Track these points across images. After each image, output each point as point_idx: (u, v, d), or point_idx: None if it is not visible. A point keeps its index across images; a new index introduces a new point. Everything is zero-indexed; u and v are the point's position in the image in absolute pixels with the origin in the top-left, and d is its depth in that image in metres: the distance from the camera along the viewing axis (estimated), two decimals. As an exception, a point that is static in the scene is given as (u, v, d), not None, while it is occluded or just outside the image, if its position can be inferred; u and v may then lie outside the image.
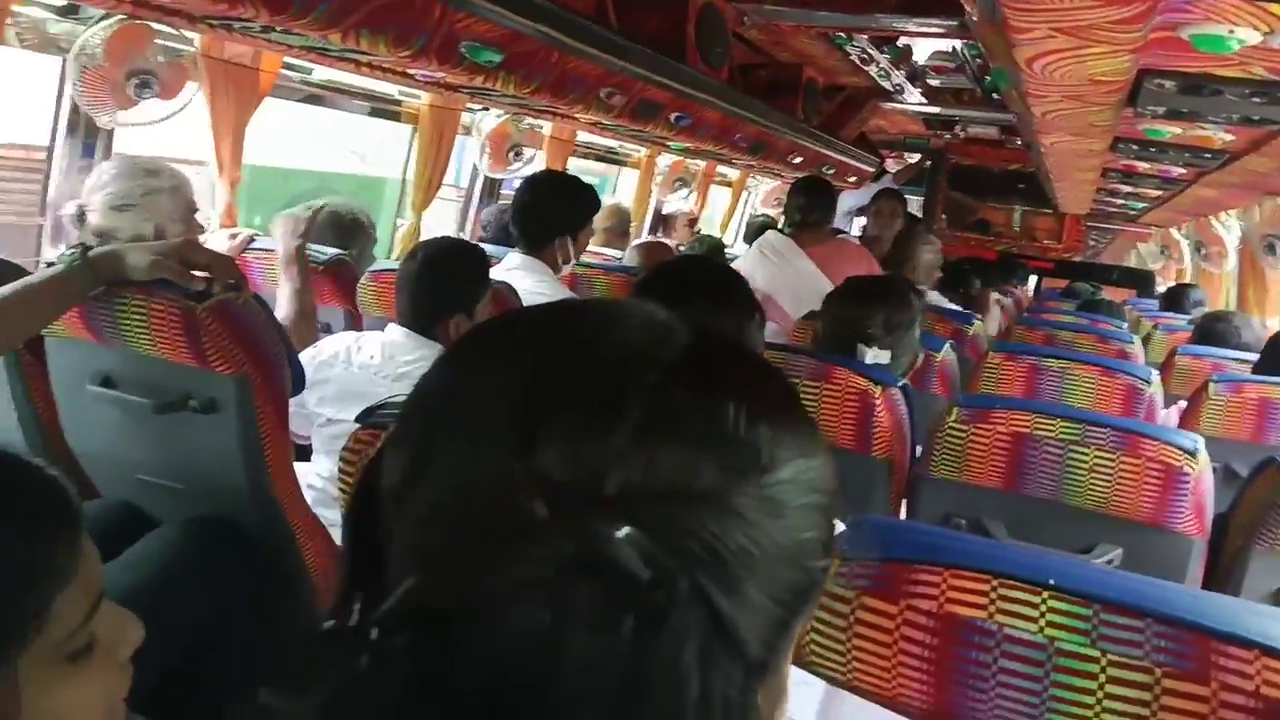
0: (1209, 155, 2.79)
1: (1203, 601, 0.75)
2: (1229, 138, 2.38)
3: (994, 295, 4.77)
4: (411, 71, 2.81)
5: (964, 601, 0.77)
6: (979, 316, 3.32)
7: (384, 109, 3.57)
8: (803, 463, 0.46)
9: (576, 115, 3.43)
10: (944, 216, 8.16)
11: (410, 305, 2.02)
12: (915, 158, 8.28)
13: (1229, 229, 4.83)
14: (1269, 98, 1.83)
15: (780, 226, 3.86)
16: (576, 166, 4.85)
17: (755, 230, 6.04)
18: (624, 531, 0.39)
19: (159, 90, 2.34)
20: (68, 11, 2.29)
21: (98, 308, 1.55)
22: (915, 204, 8.21)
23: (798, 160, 5.10)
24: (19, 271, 1.59)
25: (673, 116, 3.49)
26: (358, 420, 1.06)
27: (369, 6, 2.01)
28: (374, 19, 2.06)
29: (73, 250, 1.47)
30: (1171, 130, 2.45)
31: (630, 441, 0.41)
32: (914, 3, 3.19)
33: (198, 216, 2.19)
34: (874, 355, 1.93)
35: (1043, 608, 0.75)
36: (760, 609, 0.43)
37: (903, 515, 1.80)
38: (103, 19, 2.25)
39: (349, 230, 2.81)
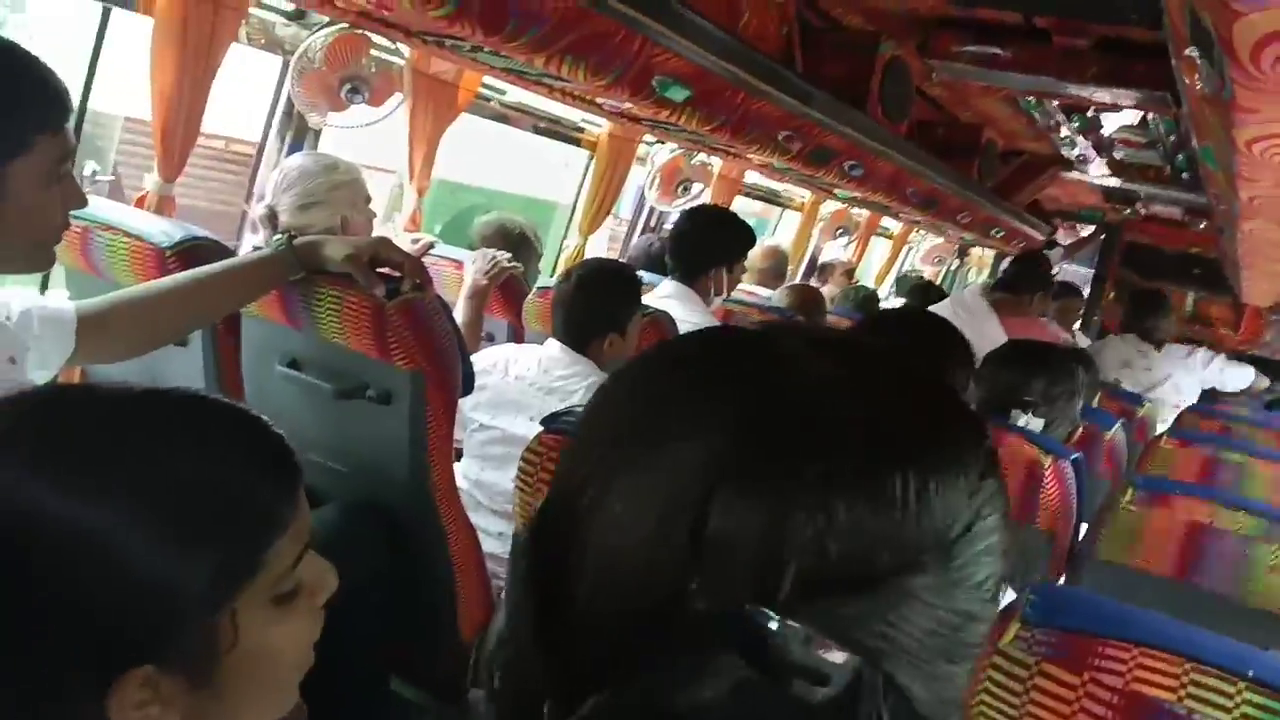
0: None
1: None
2: None
3: None
4: (599, 100, 2.90)
5: (1152, 682, 0.73)
6: (1150, 399, 3.16)
7: (566, 134, 3.68)
8: (986, 528, 0.44)
9: (751, 155, 3.46)
10: (1111, 295, 7.80)
11: (565, 323, 2.09)
12: (1088, 230, 7.96)
13: None
14: None
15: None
16: (740, 205, 4.88)
17: (909, 287, 5.93)
18: (802, 634, 0.39)
19: (368, 97, 2.49)
20: (295, 16, 2.48)
21: (294, 293, 1.65)
22: (1084, 277, 7.90)
23: (966, 220, 4.99)
24: (227, 252, 1.71)
25: (846, 165, 3.47)
26: (543, 423, 1.09)
27: (576, 34, 2.09)
28: (578, 46, 2.14)
29: (279, 237, 1.58)
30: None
31: (808, 524, 0.40)
32: (1115, 72, 3.09)
33: (379, 220, 2.31)
34: (1026, 421, 1.87)
35: (1238, 699, 0.71)
36: (939, 675, 0.43)
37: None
38: (327, 24, 2.42)
39: (516, 243, 2.91)
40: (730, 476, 0.41)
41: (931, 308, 3.64)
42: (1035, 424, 1.89)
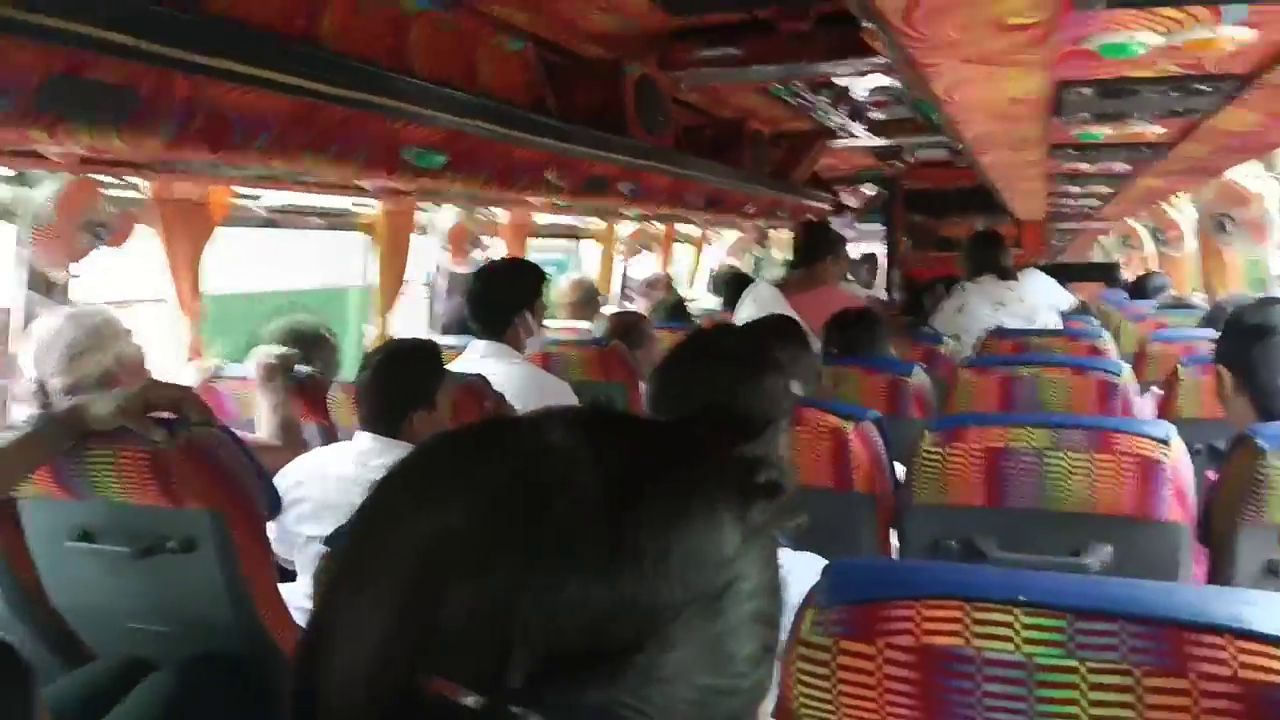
0: (1146, 148, 2.85)
1: (1173, 595, 0.75)
2: (1160, 130, 2.44)
3: None
4: (361, 183, 2.86)
5: (940, 631, 0.77)
6: (949, 335, 3.34)
7: (340, 222, 3.61)
8: (746, 592, 0.45)
9: (528, 199, 3.49)
10: (907, 240, 8.25)
11: (371, 410, 2.05)
12: (872, 189, 8.40)
13: (1183, 212, 4.91)
14: (1185, 90, 1.89)
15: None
16: (538, 246, 4.91)
17: (722, 281, 6.09)
18: None
19: (108, 239, 2.38)
20: (16, 180, 2.34)
21: (67, 463, 1.55)
22: (878, 231, 8.32)
23: (753, 209, 5.18)
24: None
25: (623, 187, 3.55)
26: (325, 542, 1.06)
27: (308, 129, 2.06)
28: (315, 141, 2.10)
29: (38, 414, 1.49)
30: (1104, 131, 2.51)
31: (539, 603, 0.40)
32: (839, 47, 3.28)
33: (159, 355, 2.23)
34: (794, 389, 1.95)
35: (1017, 625, 0.76)
36: None
37: (893, 546, 1.80)
38: (51, 178, 2.29)
39: (311, 344, 2.84)
40: (465, 561, 0.41)
41: (738, 308, 3.76)
42: (796, 389, 1.96)
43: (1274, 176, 3.38)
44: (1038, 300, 3.78)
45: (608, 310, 4.48)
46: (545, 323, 3.34)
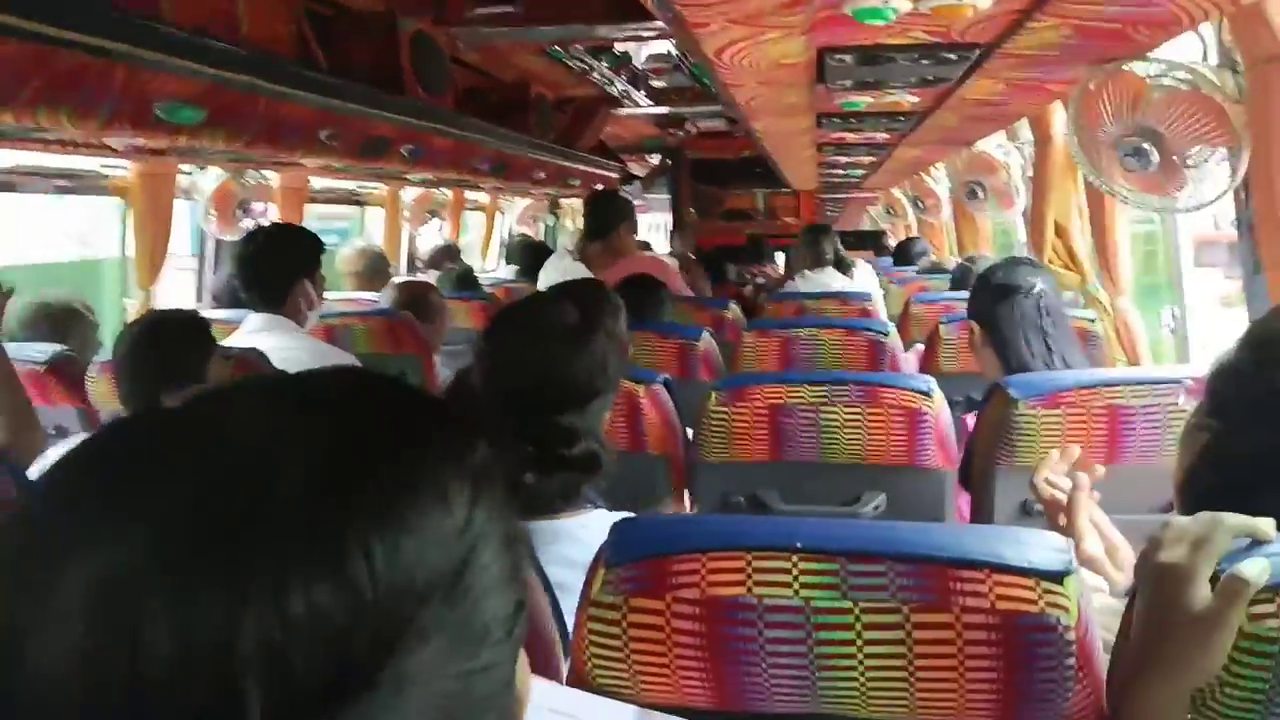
0: (903, 118, 3.03)
1: (936, 535, 0.80)
2: (914, 99, 2.60)
3: None
4: (109, 141, 2.60)
5: (723, 581, 0.79)
6: (733, 301, 3.45)
7: (85, 185, 3.29)
8: (485, 561, 0.41)
9: (301, 161, 3.30)
10: (692, 210, 8.46)
11: (129, 392, 1.87)
12: (657, 158, 8.55)
13: (940, 182, 5.29)
14: (934, 59, 2.01)
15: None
16: (318, 214, 4.67)
17: (516, 250, 6.03)
18: None
19: None
20: None
21: None
22: (665, 201, 8.48)
23: (541, 176, 5.13)
24: None
25: (403, 149, 3.41)
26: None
27: (40, 79, 1.84)
28: (49, 93, 1.88)
29: None
30: (865, 100, 2.65)
31: (260, 627, 0.35)
32: (617, 9, 3.28)
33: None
34: None
35: (795, 571, 0.78)
36: None
37: (686, 503, 1.84)
38: None
39: (63, 321, 2.57)
40: (156, 589, 0.35)
41: (541, 279, 3.73)
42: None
43: (1016, 147, 3.69)
44: (870, 289, 4.03)
45: (397, 280, 4.33)
46: (329, 294, 3.19)
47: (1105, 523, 1.26)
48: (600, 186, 6.30)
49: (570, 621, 0.86)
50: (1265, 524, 0.76)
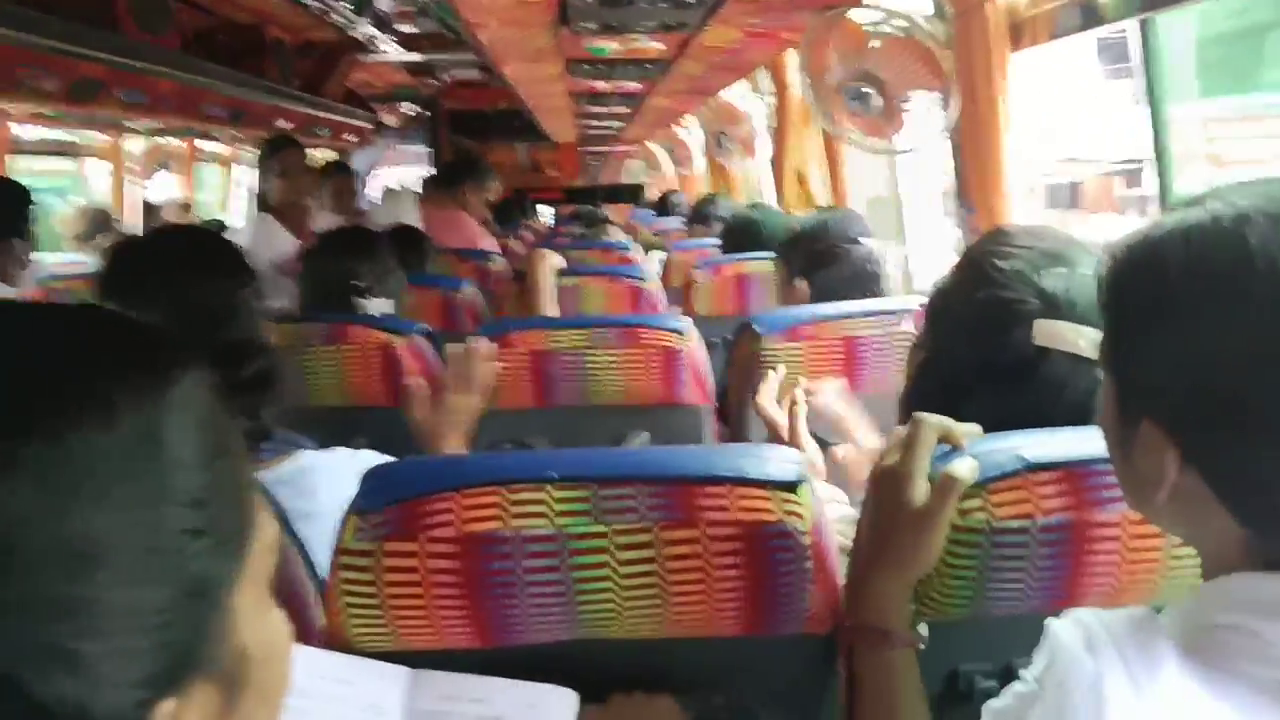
0: (651, 65, 3.09)
1: (681, 456, 0.83)
2: (660, 46, 2.64)
3: None
4: None
5: (480, 518, 0.78)
6: (499, 254, 3.41)
7: None
8: (174, 475, 0.40)
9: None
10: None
11: None
12: (414, 110, 8.26)
13: (692, 134, 5.44)
14: (673, 2, 2.04)
15: None
16: (23, 168, 4.18)
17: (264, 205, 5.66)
18: None
19: None
20: None
21: None
22: (420, 154, 8.24)
23: (288, 126, 4.83)
24: None
25: (120, 94, 3.11)
26: None
27: None
28: None
29: None
30: (611, 45, 2.67)
31: None
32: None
33: None
34: (378, 307, 1.90)
35: (550, 502, 0.78)
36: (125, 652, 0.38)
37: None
38: None
39: None
40: None
41: (375, 213, 3.56)
42: (387, 306, 1.92)
43: (760, 97, 3.84)
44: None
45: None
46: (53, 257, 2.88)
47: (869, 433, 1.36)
48: (355, 138, 6.04)
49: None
50: (967, 427, 0.84)
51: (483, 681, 0.79)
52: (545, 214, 7.84)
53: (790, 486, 0.80)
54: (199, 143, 5.66)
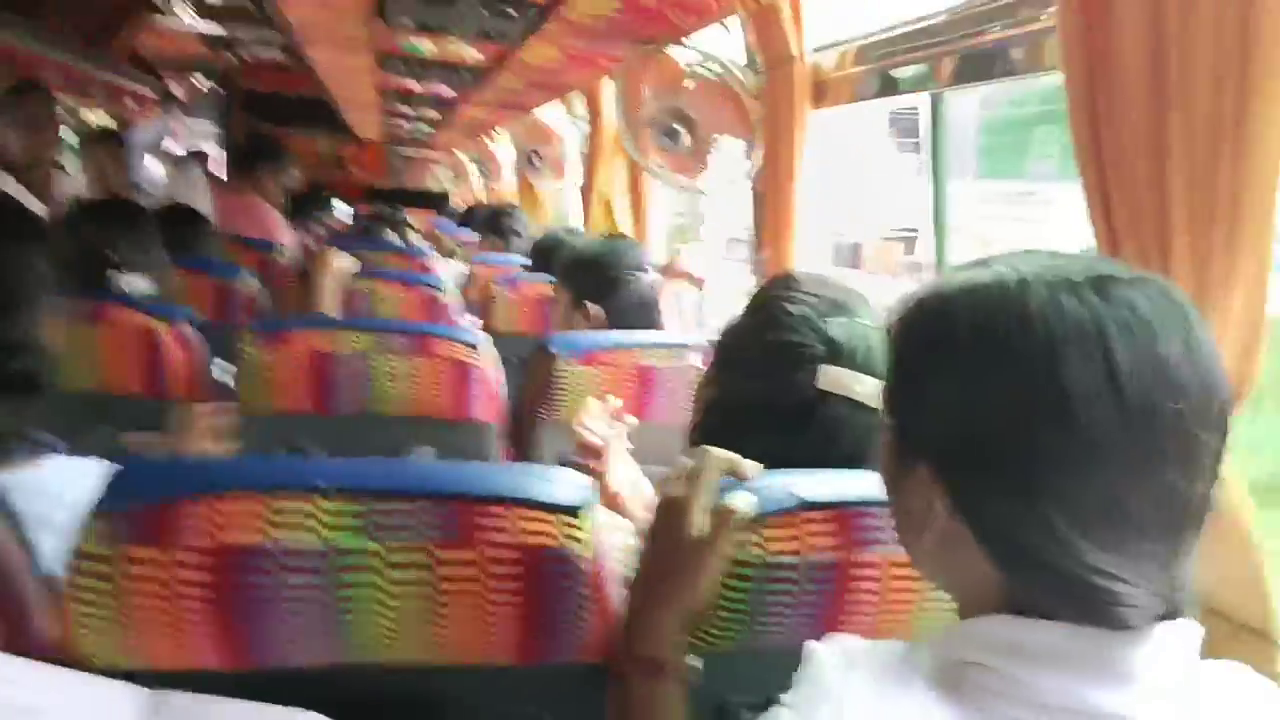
0: (467, 72, 3.03)
1: (464, 472, 0.80)
2: (478, 55, 2.61)
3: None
4: None
5: (239, 526, 0.72)
6: (282, 244, 3.24)
7: None
8: None
9: None
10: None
11: None
12: (207, 84, 7.75)
13: (503, 148, 5.40)
14: (496, 11, 2.02)
15: None
16: None
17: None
18: None
19: None
20: None
21: None
22: (209, 132, 7.75)
23: (62, 83, 4.40)
24: None
25: None
26: None
27: None
28: None
29: None
30: (428, 46, 2.60)
31: None
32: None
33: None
34: (134, 284, 1.75)
35: (319, 514, 0.74)
36: None
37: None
38: None
39: None
40: None
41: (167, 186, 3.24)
42: (143, 284, 1.77)
43: (574, 122, 3.86)
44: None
45: None
46: None
47: (636, 470, 1.37)
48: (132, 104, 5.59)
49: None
50: (750, 464, 0.86)
51: (229, 706, 0.73)
52: (344, 212, 7.55)
53: (573, 510, 0.79)
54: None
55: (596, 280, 1.94)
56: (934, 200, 1.98)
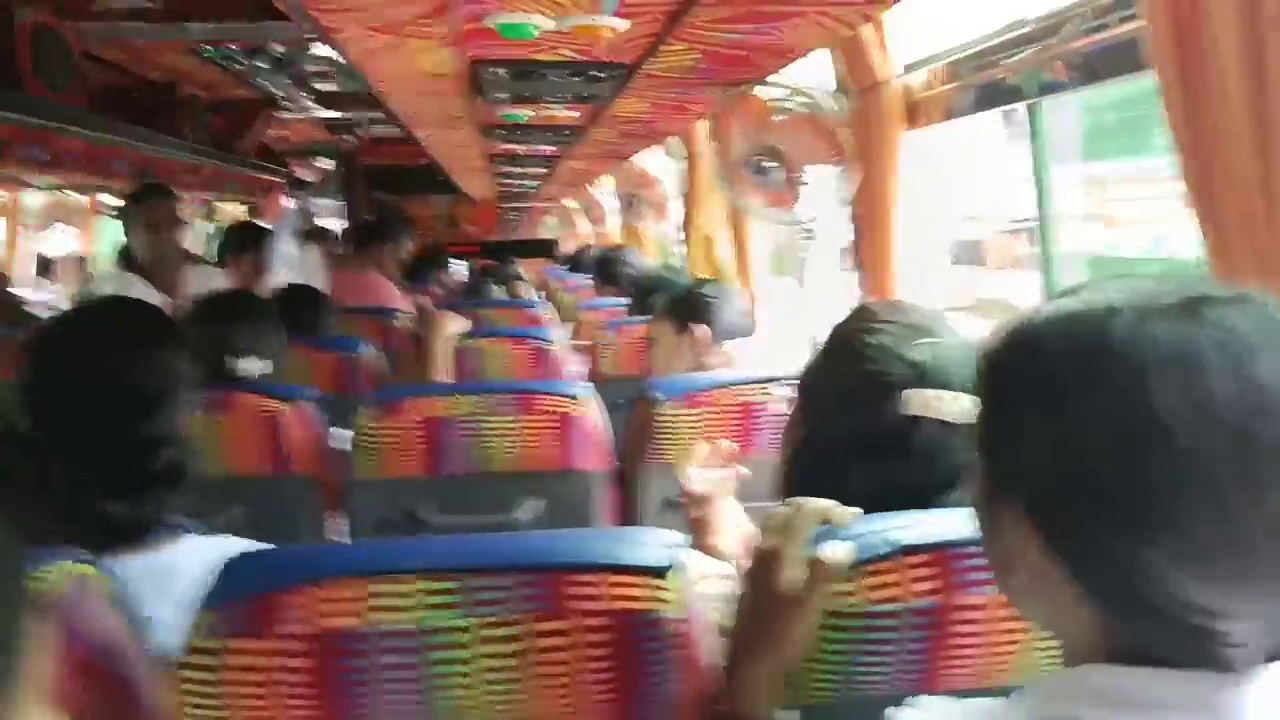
0: (567, 132, 3.12)
1: (555, 541, 0.81)
2: (573, 115, 2.68)
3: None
4: None
5: (337, 613, 0.75)
6: (403, 311, 3.36)
7: None
8: None
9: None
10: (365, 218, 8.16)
11: None
12: (329, 164, 8.16)
13: (606, 192, 5.49)
14: (584, 76, 2.08)
15: None
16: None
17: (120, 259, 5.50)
18: None
19: None
20: None
21: None
22: (337, 209, 8.14)
23: (193, 180, 4.73)
24: None
25: (23, 151, 3.00)
26: None
27: None
28: None
29: None
30: (525, 113, 2.69)
31: None
32: (268, 8, 3.08)
33: None
34: (253, 367, 1.83)
35: (415, 595, 0.75)
36: None
37: (345, 528, 1.76)
38: None
39: None
40: None
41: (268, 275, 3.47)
42: (261, 366, 1.86)
43: (671, 160, 3.89)
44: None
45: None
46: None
47: (740, 512, 1.35)
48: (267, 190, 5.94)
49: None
50: (843, 510, 0.84)
51: None
52: (460, 268, 7.79)
53: (660, 572, 0.78)
54: (101, 196, 5.50)
55: (694, 303, 1.98)
56: (1037, 191, 1.90)
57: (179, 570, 1.08)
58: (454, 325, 2.44)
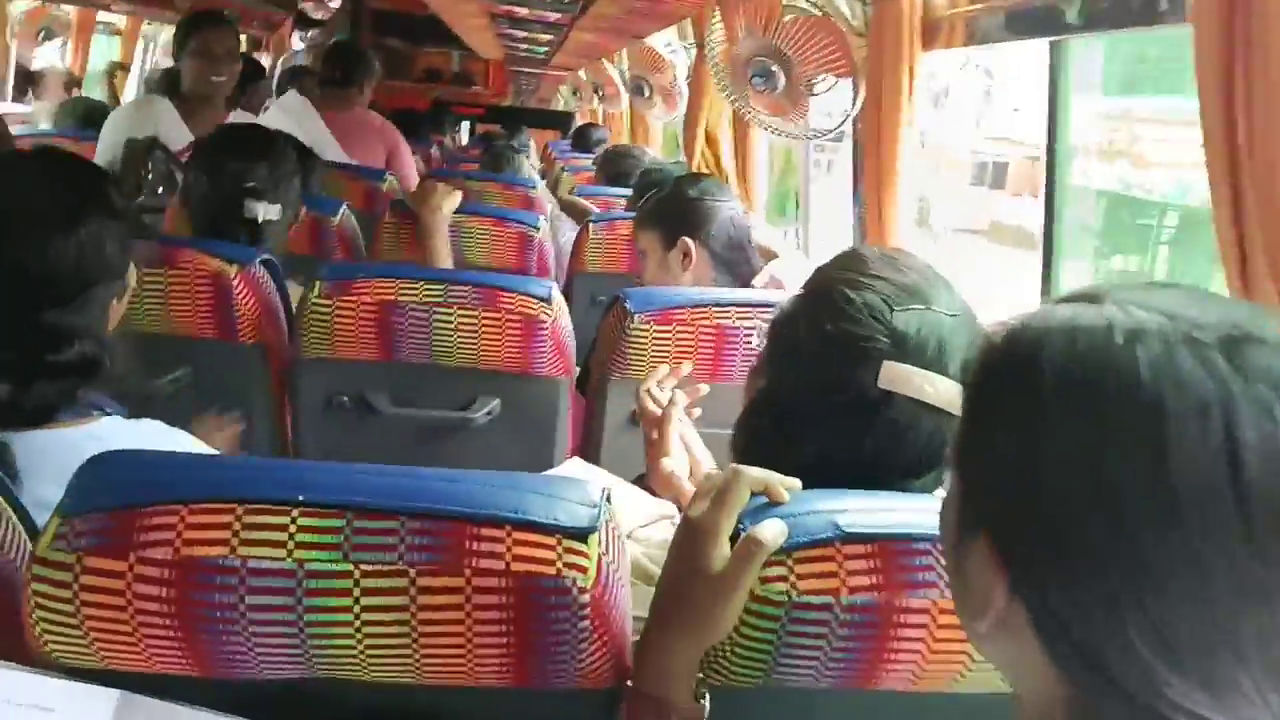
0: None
1: (459, 484, 0.72)
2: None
3: None
4: None
5: (204, 540, 0.67)
6: (390, 173, 3.21)
7: None
8: None
9: None
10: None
11: None
12: (335, 1, 7.81)
13: (618, 72, 5.24)
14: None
15: None
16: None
17: (155, 83, 5.26)
18: None
19: None
20: None
21: None
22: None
23: (185, 4, 4.50)
24: None
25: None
26: None
27: None
28: None
29: None
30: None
31: None
32: None
33: None
34: (264, 211, 1.77)
35: (292, 529, 0.68)
36: None
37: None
38: None
39: None
40: None
41: (263, 115, 3.29)
42: (273, 211, 1.80)
43: (685, 48, 3.68)
44: None
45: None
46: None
47: (696, 442, 1.27)
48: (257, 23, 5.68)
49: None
50: (787, 482, 0.76)
51: (193, 715, 0.69)
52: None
53: (580, 534, 0.70)
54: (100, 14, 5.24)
55: (683, 212, 1.83)
56: (1049, 135, 1.77)
57: (83, 451, 1.01)
58: (450, 202, 2.32)
